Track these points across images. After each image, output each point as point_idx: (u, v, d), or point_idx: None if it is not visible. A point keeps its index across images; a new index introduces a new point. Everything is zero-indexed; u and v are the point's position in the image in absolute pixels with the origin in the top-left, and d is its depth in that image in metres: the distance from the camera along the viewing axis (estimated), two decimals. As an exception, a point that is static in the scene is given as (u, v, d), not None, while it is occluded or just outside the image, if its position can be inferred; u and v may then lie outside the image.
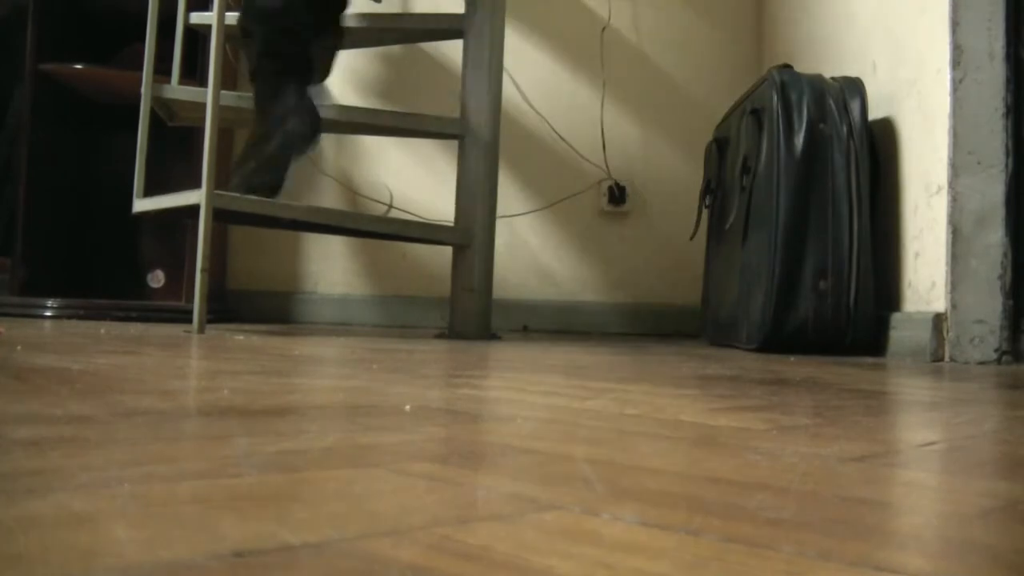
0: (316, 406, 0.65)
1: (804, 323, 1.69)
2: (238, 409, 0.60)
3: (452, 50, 2.55)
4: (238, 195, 1.79)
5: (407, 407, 0.64)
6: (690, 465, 0.46)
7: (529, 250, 2.69)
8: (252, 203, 1.82)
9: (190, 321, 1.74)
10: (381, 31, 2.21)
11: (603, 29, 2.69)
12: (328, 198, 2.69)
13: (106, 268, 2.66)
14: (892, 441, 0.56)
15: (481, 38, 2.04)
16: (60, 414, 0.54)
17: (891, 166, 1.77)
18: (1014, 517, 0.35)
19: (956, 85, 1.53)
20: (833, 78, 1.81)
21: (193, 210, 1.80)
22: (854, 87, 1.77)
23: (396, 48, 2.69)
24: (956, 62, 1.53)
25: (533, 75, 2.69)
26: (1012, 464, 0.50)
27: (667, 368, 1.21)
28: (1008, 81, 1.53)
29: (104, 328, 1.81)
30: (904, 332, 1.63)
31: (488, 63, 2.04)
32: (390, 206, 2.66)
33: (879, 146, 1.78)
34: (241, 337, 1.65)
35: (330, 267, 2.71)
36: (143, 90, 1.99)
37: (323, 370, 1.01)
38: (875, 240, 1.73)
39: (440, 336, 1.99)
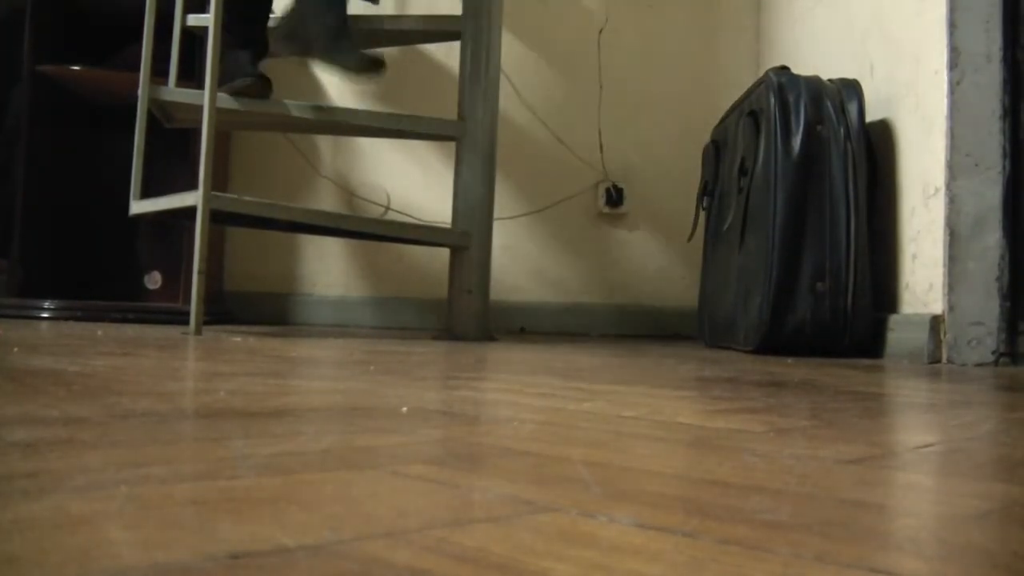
0: (313, 408, 0.65)
1: (801, 325, 1.70)
2: (235, 411, 0.60)
3: (450, 52, 2.55)
4: (234, 196, 1.79)
5: (404, 409, 0.64)
6: (687, 467, 0.46)
7: (526, 252, 2.69)
8: (249, 205, 1.82)
9: (187, 323, 1.74)
10: (378, 32, 2.21)
11: (600, 31, 2.70)
12: (325, 200, 2.69)
13: (103, 269, 2.66)
14: (889, 443, 0.56)
15: (478, 40, 2.04)
16: (57, 416, 0.54)
17: (889, 168, 1.78)
18: (1011, 519, 0.35)
19: (954, 87, 1.54)
20: (831, 80, 1.81)
21: (190, 212, 1.80)
22: (852, 89, 1.78)
23: (393, 50, 2.69)
24: (954, 64, 1.54)
25: (530, 77, 2.69)
26: (1009, 466, 0.50)
27: (664, 370, 1.21)
28: (1005, 83, 1.53)
29: (101, 330, 1.81)
30: (901, 334, 1.63)
31: (485, 65, 2.04)
32: (387, 208, 2.66)
33: (877, 148, 1.78)
34: (238, 339, 1.64)
35: (327, 269, 2.71)
36: (140, 92, 1.99)
37: (320, 372, 1.01)
38: (872, 242, 1.73)
39: (437, 338, 1.99)
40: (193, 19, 2.11)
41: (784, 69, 1.84)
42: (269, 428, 0.52)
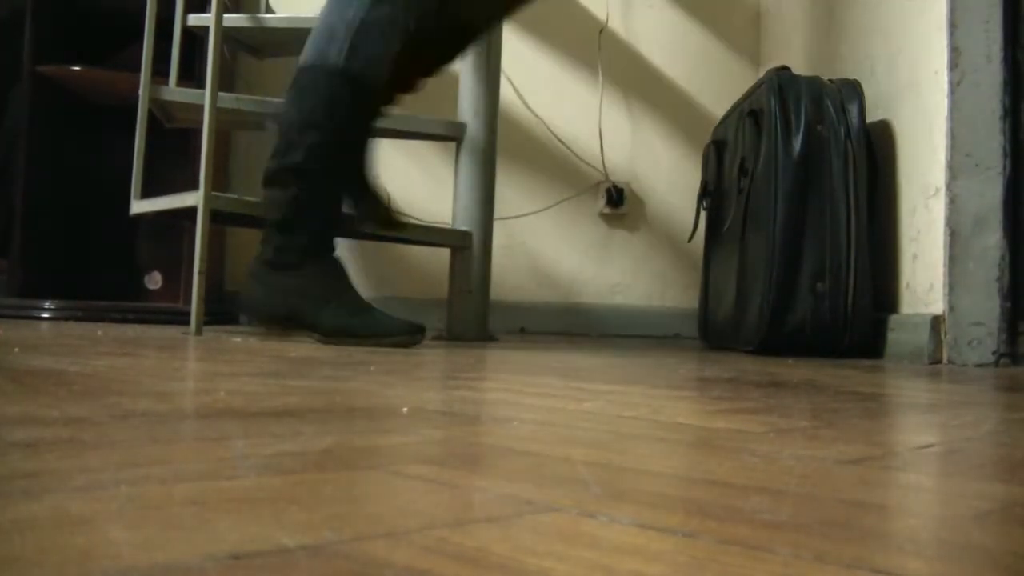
0: (313, 408, 0.65)
1: (802, 325, 1.70)
2: (235, 411, 0.60)
3: (450, 52, 2.55)
4: (235, 196, 1.79)
5: (404, 409, 0.64)
6: (687, 467, 0.46)
7: (527, 252, 2.69)
8: (250, 205, 1.82)
9: (187, 323, 1.74)
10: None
11: (601, 31, 2.70)
12: (326, 200, 2.69)
13: (104, 270, 2.66)
14: (889, 443, 0.56)
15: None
16: (57, 416, 0.54)
17: (889, 168, 1.78)
18: (1011, 519, 0.35)
19: (954, 87, 1.54)
20: (831, 80, 1.81)
21: (191, 212, 1.80)
22: (852, 89, 1.78)
23: (394, 50, 2.69)
24: (954, 64, 1.54)
25: (531, 77, 2.69)
26: (1009, 466, 0.50)
27: (664, 370, 1.21)
28: (1005, 83, 1.53)
29: (101, 330, 1.81)
30: (902, 334, 1.63)
31: (486, 65, 2.04)
32: (388, 208, 2.66)
33: (877, 148, 1.78)
34: (238, 339, 1.64)
35: (328, 269, 2.70)
36: (141, 92, 1.99)
37: (320, 372, 1.01)
38: (873, 242, 1.73)
39: (437, 338, 1.99)
40: (194, 19, 2.11)
41: (784, 69, 1.84)
42: (269, 428, 0.52)
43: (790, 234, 1.70)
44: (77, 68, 2.44)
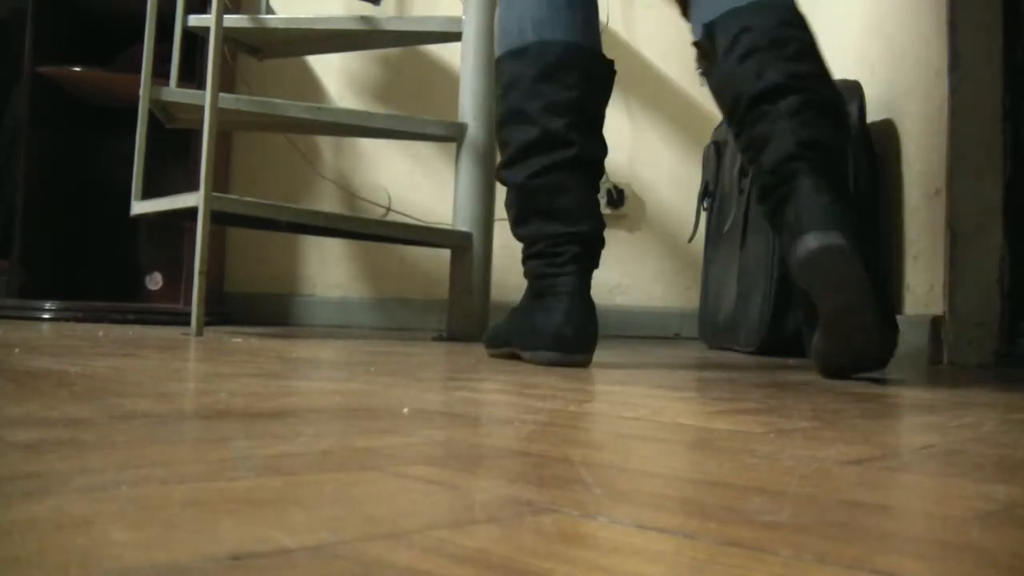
0: (314, 409, 0.65)
1: (802, 326, 1.69)
2: (236, 412, 0.60)
3: (450, 53, 2.55)
4: (235, 197, 1.79)
5: (405, 410, 0.64)
6: (688, 468, 0.46)
7: (527, 253, 2.69)
8: (250, 205, 1.83)
9: (188, 324, 1.74)
10: (379, 33, 2.21)
11: (600, 31, 2.69)
12: (326, 201, 2.69)
13: (104, 270, 2.66)
14: (890, 444, 0.56)
15: (479, 41, 2.04)
16: (57, 417, 0.54)
17: (890, 169, 1.78)
18: (1011, 520, 0.35)
19: (954, 88, 1.53)
20: (831, 81, 1.81)
21: (191, 212, 1.80)
22: (853, 90, 1.77)
23: (394, 50, 2.69)
24: (954, 65, 1.54)
25: (531, 78, 2.69)
26: (1010, 467, 0.50)
27: (665, 371, 1.21)
28: (1006, 84, 1.53)
29: (102, 331, 1.81)
30: (902, 335, 1.63)
31: (486, 66, 2.04)
32: (388, 209, 2.66)
33: (878, 149, 1.78)
34: (239, 340, 1.64)
35: (328, 270, 2.71)
36: (141, 92, 1.99)
37: (321, 373, 1.01)
38: (874, 243, 1.73)
39: (438, 339, 1.99)
40: (194, 20, 2.11)
41: (785, 70, 1.84)
42: (270, 429, 0.52)
43: (790, 235, 1.70)
44: (77, 69, 2.44)
